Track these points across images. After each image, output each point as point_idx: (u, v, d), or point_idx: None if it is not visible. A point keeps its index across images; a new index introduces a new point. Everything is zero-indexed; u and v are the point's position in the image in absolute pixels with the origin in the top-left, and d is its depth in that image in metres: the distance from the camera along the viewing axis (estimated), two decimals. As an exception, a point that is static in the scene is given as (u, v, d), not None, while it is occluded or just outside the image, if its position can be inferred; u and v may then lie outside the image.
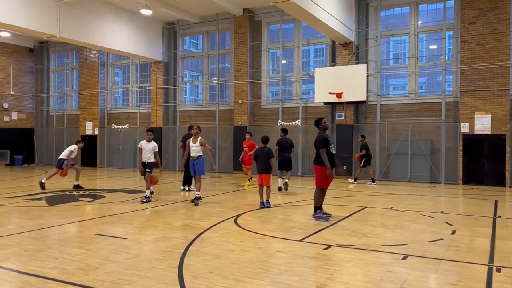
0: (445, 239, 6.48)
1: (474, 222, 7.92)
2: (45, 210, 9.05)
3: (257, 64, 18.57)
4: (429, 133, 15.30)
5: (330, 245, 6.04)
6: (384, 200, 10.88)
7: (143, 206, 9.49)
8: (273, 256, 5.51)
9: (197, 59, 21.50)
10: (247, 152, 13.69)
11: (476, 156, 14.26)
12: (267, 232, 6.91)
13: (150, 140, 10.08)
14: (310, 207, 9.60)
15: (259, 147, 9.97)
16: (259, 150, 9.77)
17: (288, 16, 17.57)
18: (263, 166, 9.57)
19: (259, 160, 9.63)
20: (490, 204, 10.13)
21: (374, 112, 16.25)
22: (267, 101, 18.62)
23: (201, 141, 9.80)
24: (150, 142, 10.06)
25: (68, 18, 15.44)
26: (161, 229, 7.14)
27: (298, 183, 14.79)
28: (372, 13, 16.40)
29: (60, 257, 5.39)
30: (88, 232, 6.86)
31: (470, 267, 5.09)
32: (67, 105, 24.45)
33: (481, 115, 14.14)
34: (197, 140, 9.78)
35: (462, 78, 14.44)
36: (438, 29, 15.63)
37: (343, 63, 16.30)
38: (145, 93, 21.61)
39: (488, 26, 14.02)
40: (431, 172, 15.05)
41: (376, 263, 5.21)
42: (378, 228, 7.32)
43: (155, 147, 10.07)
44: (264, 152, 9.66)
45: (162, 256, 5.48)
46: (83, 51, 22.50)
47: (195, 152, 9.79)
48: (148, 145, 10.03)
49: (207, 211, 8.97)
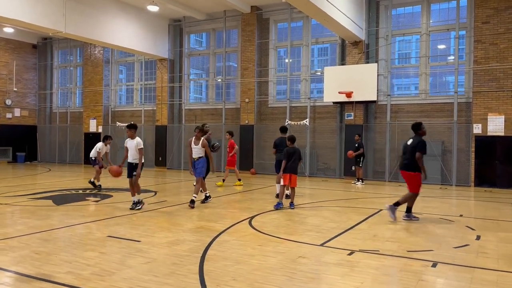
0: (471, 245, 6.23)
1: (496, 226, 7.68)
2: (53, 210, 8.80)
3: (264, 62, 18.31)
4: (440, 134, 15.05)
5: (353, 250, 5.79)
6: (398, 202, 10.61)
7: (152, 207, 9.23)
8: (296, 262, 5.26)
9: (201, 57, 21.24)
10: (229, 153, 13.49)
11: (489, 158, 14.00)
12: (284, 236, 6.66)
13: (133, 136, 8.86)
14: (322, 209, 9.39)
15: (290, 146, 9.49)
16: (291, 150, 9.39)
17: (296, 14, 17.32)
18: (295, 166, 9.38)
19: (290, 159, 9.30)
20: (507, 208, 9.89)
21: (384, 112, 15.99)
22: (274, 100, 18.36)
23: (204, 143, 9.34)
24: (133, 139, 8.87)
25: (74, 13, 15.17)
26: (174, 231, 6.89)
27: (306, 184, 14.54)
28: (382, 11, 16.14)
29: (73, 261, 5.14)
30: (99, 234, 6.61)
31: (505, 276, 4.84)
32: (71, 102, 24.19)
33: (494, 116, 13.89)
34: (199, 142, 9.34)
35: (475, 79, 14.18)
36: (450, 28, 15.37)
37: (353, 62, 16.04)
38: (150, 90, 21.36)
39: (502, 26, 13.76)
40: (442, 173, 14.80)
41: (406, 271, 4.96)
42: (399, 232, 7.08)
43: (138, 143, 8.80)
44: (298, 152, 9.46)
45: (180, 260, 5.23)
46: (87, 47, 22.23)
47: (196, 154, 9.39)
48: (131, 142, 8.88)
49: (219, 213, 8.73)
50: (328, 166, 17.08)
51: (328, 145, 17.01)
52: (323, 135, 17.13)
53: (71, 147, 23.26)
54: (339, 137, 16.69)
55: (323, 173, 17.08)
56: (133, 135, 8.84)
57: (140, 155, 8.80)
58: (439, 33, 15.73)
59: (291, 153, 9.37)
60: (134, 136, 8.86)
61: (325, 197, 11.27)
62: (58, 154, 23.73)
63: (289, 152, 9.40)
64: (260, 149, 18.09)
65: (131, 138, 8.86)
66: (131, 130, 8.85)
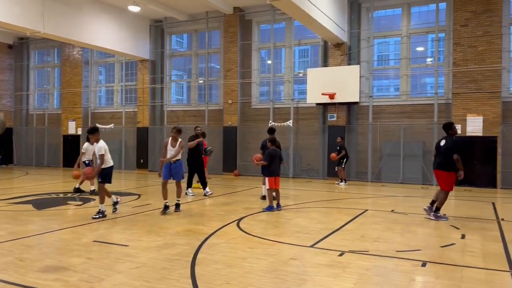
0: (457, 244, 6.33)
1: (480, 225, 7.83)
2: (34, 214, 8.56)
3: (247, 63, 18.28)
4: (421, 135, 15.30)
5: (343, 251, 5.81)
6: (382, 202, 10.75)
7: (137, 211, 9.08)
8: (288, 264, 5.24)
9: (183, 58, 21.07)
10: None
11: (468, 158, 14.25)
12: (274, 238, 6.63)
13: (96, 141, 8.08)
14: (309, 210, 9.41)
15: (272, 148, 9.32)
16: (273, 152, 9.25)
17: (279, 15, 17.36)
18: (279, 168, 9.36)
19: (274, 162, 9.20)
20: (488, 207, 10.11)
21: (366, 113, 16.16)
22: (257, 101, 18.35)
23: (181, 144, 8.88)
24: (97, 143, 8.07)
25: (53, 13, 14.83)
26: (162, 235, 6.79)
27: (290, 185, 14.57)
28: (364, 14, 16.32)
29: (60, 268, 4.99)
30: (85, 239, 6.45)
31: (494, 274, 4.93)
32: (48, 104, 23.65)
33: (473, 117, 14.20)
34: (176, 143, 8.87)
35: (454, 80, 14.48)
36: (430, 31, 15.67)
37: (335, 64, 16.17)
38: (131, 92, 21.06)
39: (480, 29, 14.08)
40: (423, 173, 15.04)
41: (397, 271, 5.00)
42: (386, 232, 7.14)
43: (99, 149, 7.93)
44: (279, 153, 9.40)
45: (170, 265, 5.14)
46: (66, 48, 21.78)
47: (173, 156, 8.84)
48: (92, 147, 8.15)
49: (206, 215, 8.65)
50: (312, 167, 17.16)
51: (312, 146, 17.09)
52: (306, 136, 17.21)
53: (49, 149, 22.73)
54: (322, 138, 16.79)
55: (306, 174, 17.14)
56: (98, 138, 8.07)
57: (100, 160, 7.94)
58: (419, 35, 16.00)
59: (273, 155, 9.28)
60: (99, 139, 8.08)
61: (310, 198, 11.31)
62: (35, 157, 23.15)
63: (271, 154, 9.27)
64: (243, 150, 18.04)
65: (95, 142, 8.09)
66: (94, 134, 8.08)
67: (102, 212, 8.13)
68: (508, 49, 14.29)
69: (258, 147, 11.08)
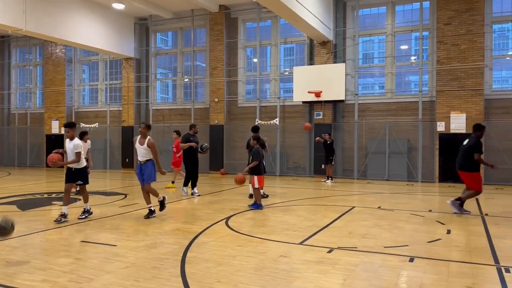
0: (443, 239, 6.44)
1: (465, 220, 7.97)
2: (18, 215, 8.41)
3: (233, 62, 18.25)
4: (406, 132, 15.50)
5: (332, 248, 5.86)
6: (369, 199, 10.86)
7: (125, 210, 9.00)
8: (277, 262, 5.26)
9: (168, 56, 20.93)
10: (176, 154, 12.79)
11: (452, 155, 14.39)
12: (263, 235, 6.65)
13: (71, 137, 7.61)
14: (296, 207, 9.45)
15: (257, 146, 9.29)
16: (260, 150, 9.30)
17: (265, 13, 17.37)
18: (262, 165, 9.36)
19: (262, 160, 9.28)
20: (472, 202, 10.27)
21: (351, 111, 16.29)
22: (244, 99, 18.34)
23: (150, 142, 7.89)
24: (71, 140, 7.60)
25: (35, 11, 14.58)
26: (150, 234, 6.75)
27: (277, 183, 14.61)
28: (349, 12, 16.44)
29: (48, 268, 4.93)
30: (72, 240, 6.37)
31: (479, 268, 5.03)
32: (30, 103, 23.25)
33: (456, 114, 14.43)
34: (144, 140, 7.92)
35: (438, 78, 14.69)
36: (414, 30, 15.86)
37: (321, 62, 16.25)
38: (115, 90, 20.85)
39: (463, 27, 14.31)
40: (408, 170, 15.24)
41: (385, 266, 5.06)
42: (373, 228, 7.22)
43: (76, 146, 7.49)
44: (262, 151, 9.40)
45: (160, 264, 5.12)
46: (48, 46, 21.44)
47: (142, 156, 7.98)
48: (69, 144, 7.61)
49: (194, 214, 8.63)
50: (298, 165, 17.23)
51: (298, 144, 17.17)
52: (292, 135, 17.27)
53: (32, 149, 22.36)
54: (309, 136, 16.87)
55: (293, 172, 17.21)
56: (73, 135, 7.62)
57: (77, 158, 7.49)
58: (404, 34, 16.19)
59: (262, 154, 9.32)
60: (74, 136, 7.64)
61: (297, 196, 11.36)
62: (17, 157, 22.75)
63: (259, 152, 9.27)
64: (230, 149, 18.02)
65: (70, 139, 7.59)
66: (72, 129, 7.63)
67: (88, 211, 8.05)
68: (490, 47, 14.56)
69: (244, 145, 11.07)
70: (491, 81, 14.75)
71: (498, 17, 14.74)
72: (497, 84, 15.15)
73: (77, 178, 7.74)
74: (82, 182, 7.79)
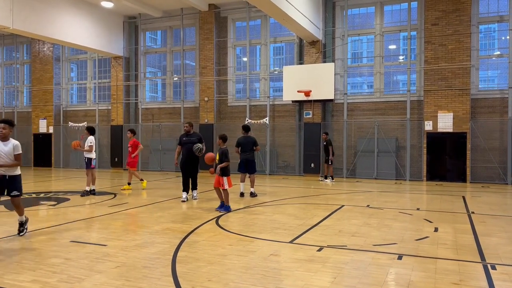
0: (431, 237, 6.54)
1: (452, 218, 8.10)
2: (6, 215, 8.34)
3: (223, 61, 18.25)
4: (395, 131, 15.66)
5: (322, 246, 5.92)
6: (358, 198, 10.96)
7: (114, 210, 8.97)
8: (268, 260, 5.30)
9: (158, 55, 20.85)
10: (132, 153, 12.32)
11: (439, 153, 14.73)
12: (253, 234, 6.69)
13: (5, 138, 6.14)
14: (286, 206, 9.51)
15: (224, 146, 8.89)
16: (220, 151, 8.86)
17: (255, 13, 17.39)
18: None
19: None
20: (459, 200, 10.46)
21: (341, 110, 16.41)
22: (234, 98, 18.35)
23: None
24: (6, 141, 6.15)
25: (22, 9, 14.41)
26: (140, 233, 6.74)
27: (267, 182, 14.66)
28: (338, 12, 16.55)
29: (37, 269, 4.90)
30: (61, 240, 6.34)
31: (466, 265, 5.12)
32: (18, 102, 22.98)
33: (443, 113, 14.62)
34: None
35: (426, 78, 14.86)
36: (402, 30, 16.02)
37: (311, 61, 16.33)
38: (104, 89, 20.70)
39: (450, 28, 14.50)
40: (397, 169, 15.41)
41: (375, 264, 5.13)
42: (363, 227, 7.30)
43: (16, 147, 6.15)
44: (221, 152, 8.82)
45: (151, 263, 5.12)
46: (36, 44, 21.21)
47: None
48: (3, 147, 6.11)
49: (184, 213, 8.63)
50: (288, 164, 17.31)
51: (288, 143, 17.24)
52: (282, 134, 17.34)
53: (19, 148, 22.05)
54: (298, 135, 16.96)
55: (283, 171, 17.28)
56: (7, 135, 6.16)
57: (18, 162, 6.19)
58: (392, 34, 16.34)
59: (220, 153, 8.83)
60: (8, 137, 6.20)
61: (287, 195, 11.42)
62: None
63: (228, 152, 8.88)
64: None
65: (2, 140, 6.13)
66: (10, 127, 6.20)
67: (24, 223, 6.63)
68: (477, 48, 14.77)
69: (234, 144, 11.06)
70: (478, 81, 14.98)
71: (485, 17, 14.97)
72: (483, 83, 15.37)
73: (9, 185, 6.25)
74: (17, 194, 6.33)
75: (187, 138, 10.21)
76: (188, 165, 10.19)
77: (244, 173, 10.97)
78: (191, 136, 10.24)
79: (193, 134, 10.36)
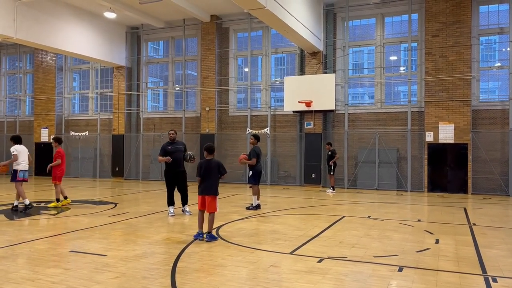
0: (432, 249, 6.51)
1: (453, 230, 8.07)
2: (6, 225, 8.33)
3: (224, 71, 18.34)
4: (395, 142, 15.66)
5: (322, 258, 5.89)
6: (359, 208, 10.93)
7: (114, 220, 8.96)
8: (268, 271, 5.28)
9: (159, 65, 20.95)
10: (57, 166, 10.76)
11: (440, 164, 14.71)
12: (253, 245, 6.67)
13: None
14: (287, 217, 9.48)
15: (204, 159, 7.17)
16: (204, 163, 7.05)
17: (256, 24, 17.52)
18: (211, 184, 6.99)
19: (204, 176, 6.99)
20: (460, 212, 10.42)
21: (341, 120, 16.43)
22: (235, 108, 18.41)
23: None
24: None
25: (26, 19, 14.56)
26: (140, 244, 6.73)
27: (268, 192, 14.63)
28: (339, 23, 16.66)
29: (36, 279, 4.89)
30: (61, 249, 6.32)
31: (467, 277, 5.09)
32: (20, 111, 23.07)
33: (444, 124, 14.63)
34: None
35: (427, 89, 14.90)
36: (403, 41, 16.10)
37: (312, 72, 16.40)
38: (106, 99, 20.78)
39: (450, 39, 14.57)
40: (398, 180, 15.38)
41: (375, 276, 5.11)
42: (363, 238, 7.27)
43: None
44: (213, 166, 7.03)
45: (150, 274, 5.11)
46: (39, 54, 21.35)
47: None
48: None
49: (183, 223, 8.62)
50: (289, 174, 17.29)
51: (289, 153, 17.25)
52: (283, 144, 17.35)
53: (21, 157, 22.08)
54: (299, 145, 16.97)
55: (283, 181, 17.26)
56: None
57: None
58: (393, 45, 16.43)
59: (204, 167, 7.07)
60: None
61: (288, 205, 11.40)
62: (6, 165, 22.45)
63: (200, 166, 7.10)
64: (221, 158, 17.97)
65: None
66: None
67: None
68: (477, 59, 14.84)
69: (235, 154, 11.06)
70: (478, 92, 15.01)
71: (485, 29, 15.06)
72: (484, 95, 15.41)
73: None
74: None
75: (173, 147, 9.27)
76: (179, 177, 9.36)
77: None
78: (177, 145, 9.38)
79: (177, 142, 9.50)
